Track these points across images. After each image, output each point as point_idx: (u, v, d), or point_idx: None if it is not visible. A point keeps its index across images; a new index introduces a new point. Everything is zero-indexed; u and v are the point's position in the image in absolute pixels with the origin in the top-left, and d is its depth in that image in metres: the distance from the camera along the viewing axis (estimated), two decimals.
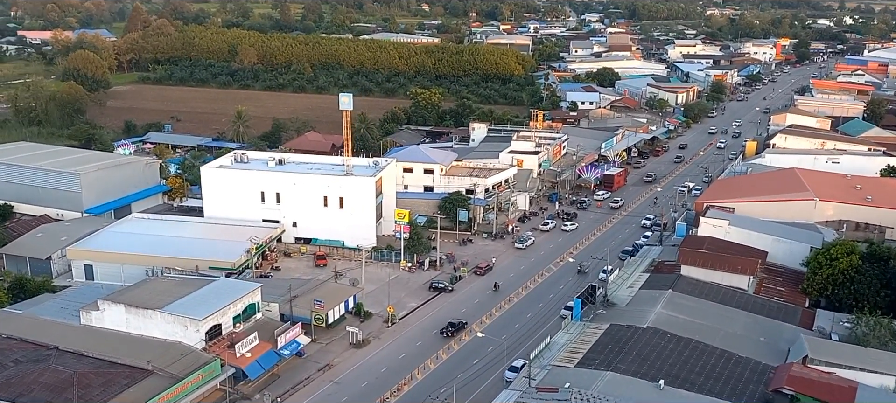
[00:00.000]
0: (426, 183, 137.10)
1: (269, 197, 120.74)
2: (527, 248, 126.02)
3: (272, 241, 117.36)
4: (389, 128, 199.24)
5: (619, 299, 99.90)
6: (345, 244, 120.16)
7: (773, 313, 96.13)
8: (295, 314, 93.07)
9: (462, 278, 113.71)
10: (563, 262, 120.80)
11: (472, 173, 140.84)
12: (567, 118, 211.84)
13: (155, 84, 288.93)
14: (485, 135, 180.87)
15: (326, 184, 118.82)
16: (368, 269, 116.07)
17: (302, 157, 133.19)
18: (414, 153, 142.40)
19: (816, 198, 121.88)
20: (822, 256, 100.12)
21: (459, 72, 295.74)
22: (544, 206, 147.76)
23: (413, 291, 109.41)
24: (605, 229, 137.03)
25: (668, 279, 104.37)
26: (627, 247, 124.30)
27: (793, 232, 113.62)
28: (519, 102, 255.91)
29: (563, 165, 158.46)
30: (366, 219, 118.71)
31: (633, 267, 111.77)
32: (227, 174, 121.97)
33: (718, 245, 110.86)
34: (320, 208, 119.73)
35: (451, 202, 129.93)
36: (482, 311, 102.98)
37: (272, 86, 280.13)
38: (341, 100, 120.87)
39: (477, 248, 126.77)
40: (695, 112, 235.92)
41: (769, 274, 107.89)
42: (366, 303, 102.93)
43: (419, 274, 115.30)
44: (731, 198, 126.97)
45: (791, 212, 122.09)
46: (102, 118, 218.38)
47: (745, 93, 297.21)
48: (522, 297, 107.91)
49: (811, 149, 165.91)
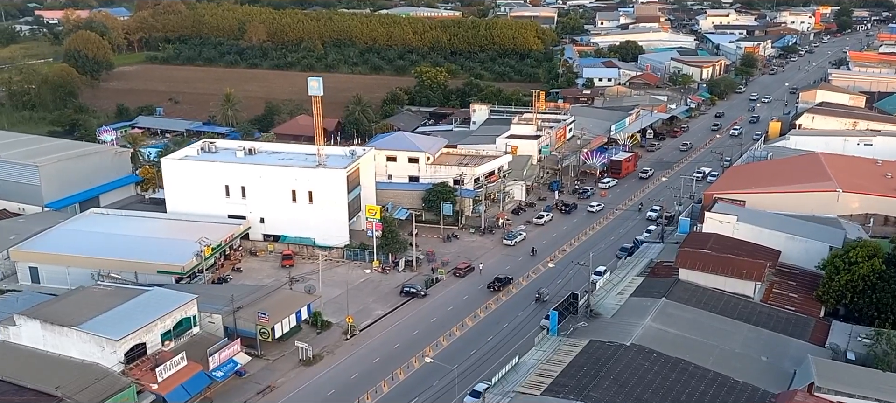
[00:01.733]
0: (411, 172, 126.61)
1: (234, 190, 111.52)
2: (516, 245, 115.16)
3: (235, 239, 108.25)
4: (389, 110, 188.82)
5: (605, 308, 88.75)
6: (316, 242, 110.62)
7: (781, 326, 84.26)
8: (239, 327, 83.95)
9: (439, 280, 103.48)
10: (555, 261, 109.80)
11: (462, 161, 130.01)
12: (580, 97, 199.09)
13: (163, 64, 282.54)
14: (486, 117, 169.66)
15: (294, 176, 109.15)
16: (339, 270, 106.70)
17: (275, 146, 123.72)
18: (398, 140, 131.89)
19: (839, 188, 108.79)
20: (839, 260, 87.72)
21: (475, 47, 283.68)
22: (543, 196, 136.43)
23: (383, 296, 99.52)
24: (606, 222, 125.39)
25: (664, 284, 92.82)
26: (626, 244, 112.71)
27: (810, 229, 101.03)
28: (535, 79, 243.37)
29: (566, 150, 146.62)
30: (337, 215, 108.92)
31: (628, 270, 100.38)
32: (189, 166, 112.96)
33: (724, 244, 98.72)
34: (289, 203, 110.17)
35: (436, 194, 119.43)
36: (456, 319, 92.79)
37: (280, 65, 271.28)
38: (310, 85, 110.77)
39: (462, 245, 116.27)
40: (721, 88, 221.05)
41: (781, 278, 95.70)
42: (328, 311, 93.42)
43: (393, 275, 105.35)
44: (745, 189, 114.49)
45: (811, 205, 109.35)
46: (97, 101, 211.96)
47: (778, 66, 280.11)
48: (502, 304, 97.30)
49: (841, 129, 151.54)
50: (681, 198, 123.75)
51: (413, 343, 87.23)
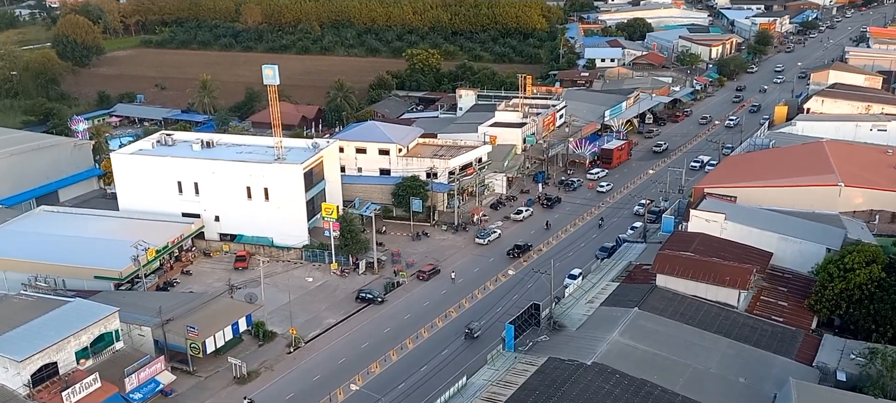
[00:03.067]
0: (382, 165, 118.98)
1: (187, 187, 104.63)
2: (489, 244, 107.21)
3: (185, 240, 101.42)
4: (375, 96, 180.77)
5: (571, 319, 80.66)
6: (274, 242, 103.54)
7: (766, 340, 75.69)
8: (170, 341, 77.19)
9: (401, 284, 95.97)
10: (529, 260, 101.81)
11: (438, 152, 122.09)
12: (577, 79, 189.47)
13: (157, 48, 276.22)
14: (473, 103, 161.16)
15: (249, 172, 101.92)
16: (296, 273, 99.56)
17: (237, 139, 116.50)
18: (368, 131, 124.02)
19: (841, 182, 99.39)
20: (833, 266, 78.93)
21: (477, 27, 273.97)
22: (527, 188, 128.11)
23: (337, 302, 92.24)
24: (589, 217, 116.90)
25: (640, 292, 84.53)
26: (607, 243, 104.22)
27: (805, 229, 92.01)
28: (536, 61, 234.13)
29: (553, 139, 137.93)
30: (295, 213, 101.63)
31: (603, 273, 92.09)
32: (141, 161, 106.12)
33: (710, 245, 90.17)
34: (244, 200, 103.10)
35: (405, 189, 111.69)
36: (412, 329, 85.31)
37: (275, 48, 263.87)
38: (265, 74, 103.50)
39: (431, 244, 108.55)
40: (730, 68, 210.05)
41: (772, 283, 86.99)
42: (277, 319, 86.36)
43: (352, 278, 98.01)
44: (738, 182, 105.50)
45: (811, 200, 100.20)
46: (83, 87, 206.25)
47: (795, 43, 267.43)
48: (464, 311, 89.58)
49: (853, 114, 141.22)
50: (667, 192, 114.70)
51: (361, 358, 79.98)
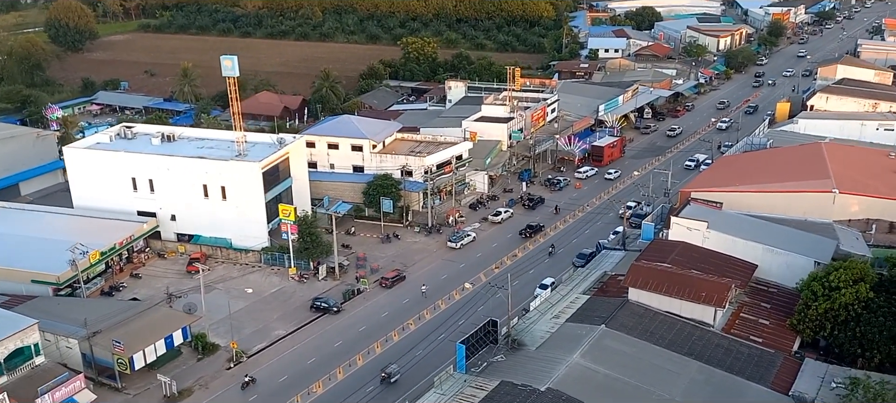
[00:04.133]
0: (355, 162, 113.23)
1: (141, 184, 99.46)
2: (462, 248, 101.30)
3: (136, 240, 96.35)
4: (365, 86, 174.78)
5: (533, 337, 74.56)
6: (232, 243, 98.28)
7: (740, 364, 69.24)
8: (97, 355, 72.18)
9: (361, 292, 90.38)
10: (501, 267, 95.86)
11: (415, 149, 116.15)
12: (576, 70, 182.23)
13: (155, 32, 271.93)
14: (463, 95, 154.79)
15: (205, 169, 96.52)
16: (253, 277, 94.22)
17: (200, 132, 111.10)
18: (342, 125, 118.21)
19: (835, 188, 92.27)
20: (817, 283, 72.29)
21: (482, 14, 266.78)
22: (510, 187, 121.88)
23: (291, 311, 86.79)
24: (572, 220, 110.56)
25: (610, 306, 78.20)
26: (586, 250, 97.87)
27: (793, 240, 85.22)
28: (540, 50, 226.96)
29: (541, 134, 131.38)
30: (253, 213, 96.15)
31: (574, 284, 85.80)
32: (94, 156, 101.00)
33: (691, 256, 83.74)
34: (201, 199, 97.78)
35: (376, 187, 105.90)
36: (366, 342, 79.75)
37: (274, 34, 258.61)
38: (223, 65, 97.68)
39: (402, 247, 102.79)
40: (738, 60, 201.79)
41: (754, 298, 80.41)
42: (222, 331, 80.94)
43: (311, 284, 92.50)
44: (728, 185, 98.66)
45: (803, 206, 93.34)
46: (74, 72, 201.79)
47: (810, 34, 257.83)
48: (425, 324, 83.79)
49: (859, 112, 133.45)
50: (650, 196, 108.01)
51: (305, 375, 74.54)
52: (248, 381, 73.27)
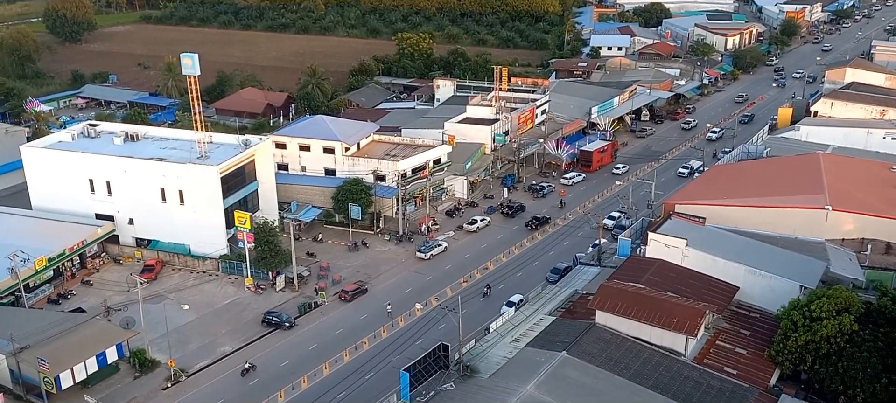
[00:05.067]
0: (327, 164, 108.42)
1: (99, 186, 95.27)
2: (431, 259, 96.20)
3: (90, 245, 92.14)
4: (355, 82, 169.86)
5: (487, 363, 69.41)
6: (190, 250, 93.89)
7: (710, 400, 63.59)
8: (24, 373, 68.04)
9: (319, 305, 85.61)
10: (469, 282, 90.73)
11: (391, 152, 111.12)
12: (574, 70, 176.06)
13: (156, 23, 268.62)
14: (451, 94, 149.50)
15: (162, 172, 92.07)
16: (208, 287, 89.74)
17: (166, 132, 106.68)
18: (314, 126, 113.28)
19: (828, 205, 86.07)
20: (798, 313, 66.60)
21: (487, 9, 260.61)
22: (492, 193, 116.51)
23: (242, 325, 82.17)
24: (551, 230, 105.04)
25: (575, 330, 72.81)
26: (561, 264, 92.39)
27: (778, 261, 79.27)
28: (543, 46, 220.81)
29: (528, 138, 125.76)
30: (211, 219, 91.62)
31: (541, 303, 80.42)
32: (51, 156, 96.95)
33: (667, 276, 78.35)
34: (158, 203, 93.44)
35: (345, 193, 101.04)
36: (317, 362, 74.97)
37: (274, 27, 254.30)
38: (183, 64, 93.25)
39: (369, 256, 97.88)
40: (746, 60, 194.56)
41: (733, 324, 74.77)
42: (165, 346, 76.21)
43: (269, 295, 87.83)
44: (716, 198, 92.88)
45: (794, 224, 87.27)
46: (67, 64, 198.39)
47: (826, 33, 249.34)
48: (379, 343, 78.86)
49: (865, 119, 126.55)
50: (629, 207, 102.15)
51: (243, 398, 69.98)
52: (247, 368, 73.38)
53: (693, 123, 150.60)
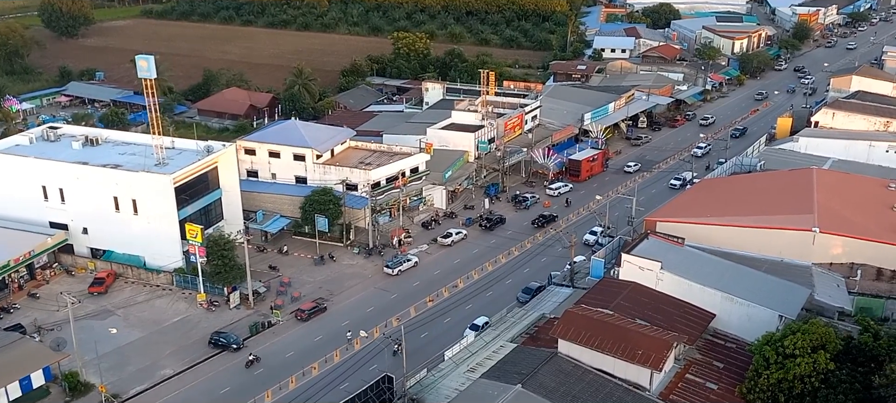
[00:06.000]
0: (298, 172, 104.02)
1: (52, 193, 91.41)
2: (398, 275, 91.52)
3: (39, 255, 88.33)
4: (346, 83, 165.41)
5: (437, 395, 64.75)
6: (145, 262, 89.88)
7: None
8: None
9: (273, 324, 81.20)
10: (436, 301, 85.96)
11: (366, 160, 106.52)
12: (572, 73, 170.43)
13: (157, 18, 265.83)
14: (440, 97, 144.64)
15: (115, 180, 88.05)
16: (159, 302, 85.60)
17: (129, 136, 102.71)
18: (285, 132, 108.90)
19: (816, 226, 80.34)
20: (770, 349, 61.34)
21: (492, 7, 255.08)
22: (472, 204, 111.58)
23: (188, 345, 77.82)
24: (530, 245, 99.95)
25: (535, 360, 67.87)
26: (534, 283, 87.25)
27: (757, 288, 73.81)
28: (546, 47, 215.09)
29: (514, 145, 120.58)
30: (166, 230, 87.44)
31: (505, 328, 75.50)
32: (3, 161, 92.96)
33: (639, 300, 73.31)
34: (112, 212, 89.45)
35: (312, 203, 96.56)
36: (260, 388, 70.52)
37: (274, 23, 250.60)
38: (139, 66, 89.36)
39: (335, 270, 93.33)
40: (753, 64, 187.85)
41: (707, 354, 69.57)
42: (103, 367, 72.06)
43: (222, 313, 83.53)
44: (699, 216, 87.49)
45: (781, 245, 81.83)
46: (60, 60, 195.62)
47: (840, 36, 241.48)
48: (330, 369, 74.21)
49: (868, 131, 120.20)
50: (608, 223, 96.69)
51: None
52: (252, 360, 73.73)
53: (711, 120, 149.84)
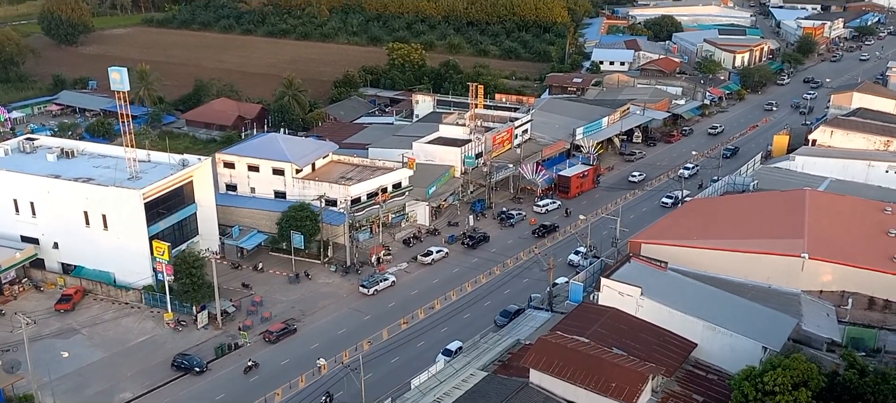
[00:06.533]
0: (277, 187, 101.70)
1: (23, 206, 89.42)
2: (375, 295, 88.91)
3: (4, 272, 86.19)
4: (337, 94, 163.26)
5: None
6: (115, 279, 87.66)
7: None
8: None
9: (240, 346, 78.70)
10: (411, 323, 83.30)
11: (347, 174, 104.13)
12: (567, 85, 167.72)
13: (157, 27, 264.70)
14: (430, 110, 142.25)
15: (85, 194, 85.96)
16: (126, 321, 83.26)
17: (105, 149, 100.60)
18: (265, 145, 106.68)
19: (805, 252, 77.21)
20: (749, 385, 58.33)
21: (493, 18, 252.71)
22: (457, 220, 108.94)
23: (151, 367, 75.33)
24: (512, 264, 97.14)
25: (506, 390, 65.17)
26: (512, 306, 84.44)
27: (740, 317, 70.84)
28: (546, 58, 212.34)
29: (503, 160, 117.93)
30: (135, 246, 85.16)
31: (476, 355, 72.63)
32: None
33: (618, 328, 70.49)
34: (82, 227, 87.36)
35: (289, 219, 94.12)
36: None
37: (274, 32, 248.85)
38: (112, 79, 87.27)
39: (310, 289, 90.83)
40: (754, 79, 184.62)
41: (686, 387, 66.54)
42: (61, 390, 70.06)
43: (189, 333, 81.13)
44: (685, 238, 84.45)
45: (768, 271, 78.78)
46: (56, 68, 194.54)
47: (845, 50, 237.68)
48: (291, 396, 71.52)
49: (868, 150, 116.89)
50: (589, 245, 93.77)
51: None
52: (250, 366, 74.10)
53: (720, 128, 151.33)
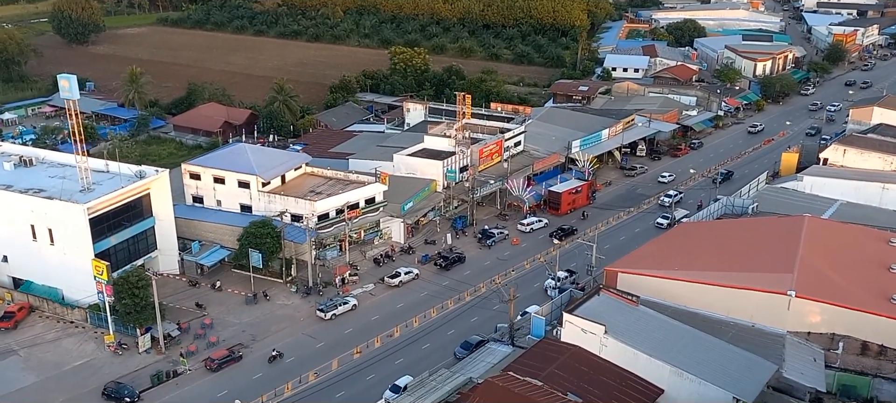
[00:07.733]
0: (243, 200, 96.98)
1: None
2: (332, 319, 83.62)
3: None
4: (334, 100, 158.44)
5: None
6: (63, 296, 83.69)
7: None
8: None
9: (179, 374, 74.01)
10: (365, 353, 77.84)
11: (318, 188, 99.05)
12: (573, 93, 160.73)
13: (171, 27, 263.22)
14: (422, 118, 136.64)
15: (30, 207, 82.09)
16: (67, 342, 79.10)
17: (67, 158, 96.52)
18: (232, 156, 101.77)
19: (792, 290, 70.03)
20: None
21: (510, 21, 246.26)
22: (433, 239, 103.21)
23: (82, 395, 70.89)
24: (484, 290, 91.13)
25: None
26: (475, 337, 78.36)
27: (715, 361, 64.28)
28: (560, 64, 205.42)
29: (488, 175, 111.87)
30: (80, 263, 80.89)
31: (423, 393, 66.75)
32: None
33: (578, 369, 64.87)
34: (30, 241, 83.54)
35: (249, 236, 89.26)
36: None
37: (286, 33, 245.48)
38: (61, 86, 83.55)
39: (267, 311, 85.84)
40: (775, 88, 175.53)
41: None
42: None
43: (130, 357, 76.60)
44: (665, 268, 77.59)
45: (753, 308, 71.88)
46: (49, 67, 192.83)
47: (880, 58, 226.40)
48: None
49: (883, 171, 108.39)
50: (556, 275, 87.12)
51: None
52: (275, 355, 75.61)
53: (760, 127, 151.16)
